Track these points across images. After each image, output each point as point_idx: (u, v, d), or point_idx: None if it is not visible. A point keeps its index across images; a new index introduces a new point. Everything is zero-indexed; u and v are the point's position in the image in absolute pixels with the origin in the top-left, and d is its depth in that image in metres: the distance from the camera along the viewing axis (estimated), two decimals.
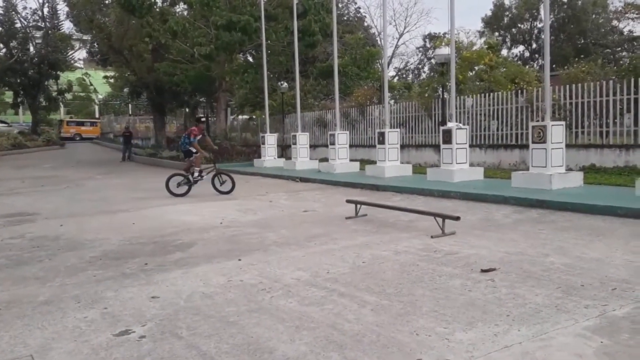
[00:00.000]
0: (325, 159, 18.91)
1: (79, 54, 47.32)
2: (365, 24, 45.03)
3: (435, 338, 3.59)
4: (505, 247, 6.20)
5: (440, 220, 7.05)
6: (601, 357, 3.21)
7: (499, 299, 4.35)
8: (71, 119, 54.98)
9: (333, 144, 17.27)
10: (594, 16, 42.16)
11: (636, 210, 7.83)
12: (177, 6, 27.95)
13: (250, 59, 30.74)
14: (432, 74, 39.89)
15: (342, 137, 17.39)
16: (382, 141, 15.13)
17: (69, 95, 47.07)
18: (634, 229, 7.01)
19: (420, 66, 52.96)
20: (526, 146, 12.41)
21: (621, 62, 24.67)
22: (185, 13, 27.54)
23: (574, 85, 14.14)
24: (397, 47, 49.08)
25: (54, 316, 4.33)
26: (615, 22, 39.39)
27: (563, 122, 11.81)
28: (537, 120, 13.47)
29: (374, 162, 16.36)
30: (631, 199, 8.79)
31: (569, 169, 12.12)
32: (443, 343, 3.50)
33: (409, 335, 3.66)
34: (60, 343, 3.76)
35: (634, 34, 37.25)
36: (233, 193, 12.47)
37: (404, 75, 52.23)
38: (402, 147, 17.10)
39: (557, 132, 10.91)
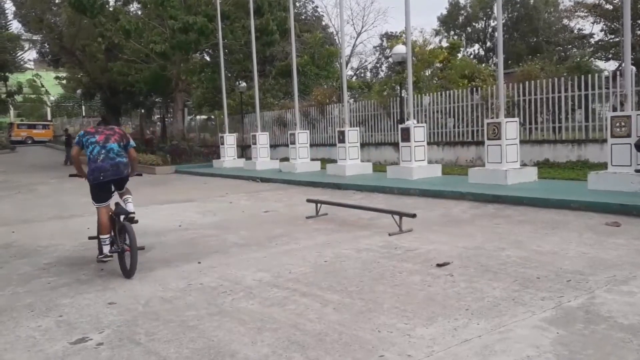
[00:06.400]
0: (286, 159, 18.85)
1: (29, 55, 45.82)
2: (323, 23, 45.11)
3: (396, 334, 3.61)
4: (463, 242, 6.30)
5: (397, 217, 7.11)
6: (557, 347, 3.29)
7: (458, 293, 4.41)
8: (22, 122, 53.24)
9: (293, 143, 17.24)
10: (546, 14, 43.32)
11: (589, 204, 8.07)
12: (131, 5, 27.38)
13: (207, 58, 30.39)
14: (389, 72, 40.29)
15: (303, 137, 17.38)
16: (342, 140, 15.19)
17: (19, 97, 45.44)
18: (587, 222, 7.21)
19: (378, 65, 53.44)
20: (482, 143, 12.64)
21: (569, 60, 25.42)
22: (140, 12, 27.02)
23: (527, 83, 14.47)
24: (355, 46, 49.42)
25: (6, 326, 4.17)
26: (565, 21, 40.55)
27: (517, 119, 12.11)
28: (492, 117, 13.73)
29: (334, 161, 16.41)
30: (584, 192, 9.06)
31: (523, 165, 12.40)
32: (404, 339, 3.52)
33: (371, 332, 3.67)
34: (13, 354, 3.62)
35: (584, 32, 38.44)
36: (191, 195, 12.22)
37: (362, 74, 52.60)
38: (362, 145, 17.21)
39: (511, 128, 11.15)
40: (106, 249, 5.80)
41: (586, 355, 3.16)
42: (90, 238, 6.29)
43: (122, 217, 5.74)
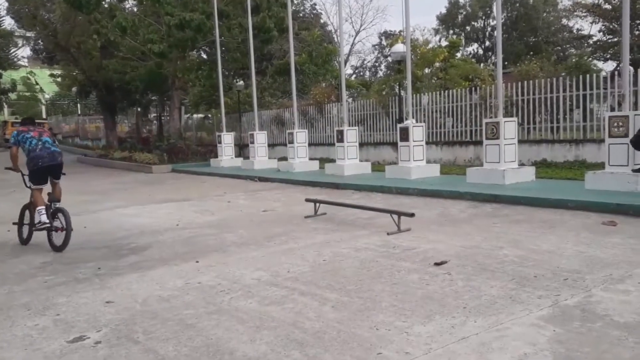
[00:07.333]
0: (284, 158, 18.84)
1: (23, 52, 45.58)
2: (322, 21, 45.07)
3: (394, 332, 3.62)
4: (461, 241, 6.31)
5: (395, 217, 7.12)
6: (554, 345, 3.30)
7: (456, 291, 4.42)
8: (16, 120, 53.11)
9: (292, 142, 17.22)
10: (544, 14, 43.35)
11: (586, 203, 8.09)
12: (127, 2, 27.33)
13: (204, 55, 30.36)
14: (388, 71, 40.30)
15: (301, 136, 17.37)
16: (341, 139, 15.18)
17: (13, 95, 45.23)
18: (584, 221, 7.23)
19: (377, 64, 53.45)
20: (480, 142, 12.63)
21: (567, 60, 25.46)
22: (135, 9, 26.94)
23: (525, 82, 14.48)
24: (353, 44, 49.46)
25: (3, 325, 4.17)
26: (564, 20, 40.61)
27: (515, 119, 12.12)
28: (490, 117, 13.76)
29: (333, 161, 16.41)
30: (581, 192, 9.08)
31: (521, 164, 12.43)
32: (402, 337, 3.53)
33: (369, 330, 3.68)
34: (10, 352, 3.62)
35: (582, 32, 38.48)
36: (189, 194, 12.23)
37: (361, 73, 52.60)
38: (361, 145, 17.20)
39: (509, 128, 11.17)
40: (43, 218, 6.77)
41: (582, 353, 3.18)
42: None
43: (53, 204, 6.94)
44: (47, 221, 6.75)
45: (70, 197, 12.95)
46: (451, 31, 48.35)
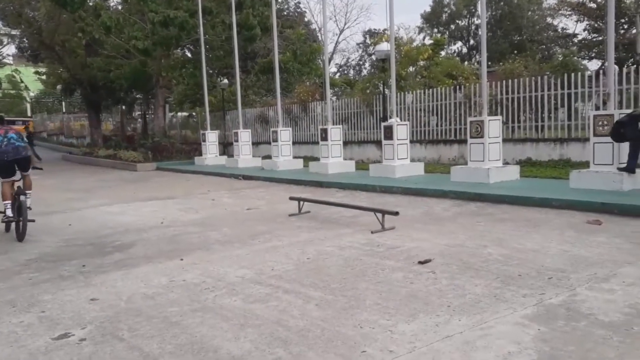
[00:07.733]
0: (269, 156, 18.80)
1: (8, 50, 45.04)
2: (306, 20, 44.95)
3: (378, 330, 3.62)
4: (445, 239, 6.33)
5: (380, 215, 7.13)
6: (538, 343, 3.32)
7: (440, 290, 4.43)
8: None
9: (276, 141, 17.19)
10: (529, 13, 43.66)
11: (570, 202, 8.15)
12: (111, 0, 27.13)
13: (189, 54, 30.21)
14: (373, 70, 40.35)
15: (285, 134, 17.33)
16: (325, 138, 15.17)
17: None
18: (568, 220, 7.29)
19: (361, 62, 53.51)
20: (465, 141, 12.67)
21: (552, 58, 25.65)
22: (120, 7, 26.73)
23: (510, 81, 14.56)
24: (337, 43, 49.50)
25: None
26: (549, 19, 40.93)
27: (500, 117, 12.18)
28: (475, 116, 13.81)
29: (317, 159, 16.41)
30: (566, 190, 9.15)
31: (506, 163, 12.50)
32: (386, 335, 3.53)
33: (353, 328, 3.68)
34: None
35: (567, 31, 38.82)
36: (173, 192, 12.17)
37: (345, 72, 52.62)
38: (345, 143, 17.21)
39: (494, 127, 11.23)
40: (8, 212, 7.40)
41: (567, 352, 3.20)
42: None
43: (21, 197, 7.37)
44: (12, 215, 7.42)
45: (55, 194, 12.87)
46: (435, 29, 48.55)
